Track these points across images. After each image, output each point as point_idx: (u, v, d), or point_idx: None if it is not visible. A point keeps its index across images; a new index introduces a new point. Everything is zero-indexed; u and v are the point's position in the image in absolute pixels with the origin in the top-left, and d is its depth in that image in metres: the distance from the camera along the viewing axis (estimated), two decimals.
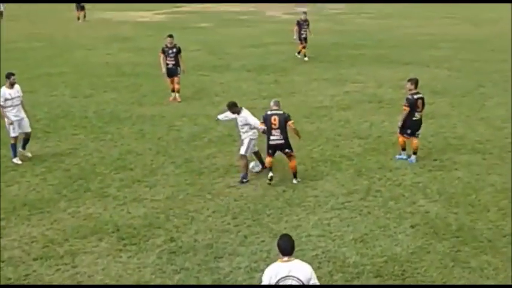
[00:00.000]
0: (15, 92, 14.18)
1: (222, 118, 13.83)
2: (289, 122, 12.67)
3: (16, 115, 14.21)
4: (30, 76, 22.99)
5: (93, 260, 9.91)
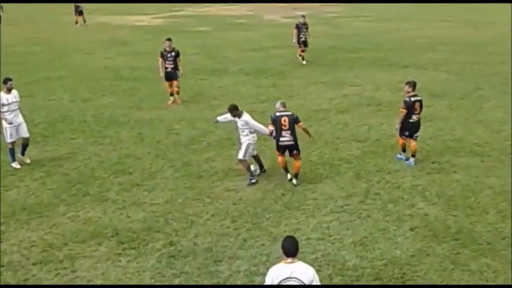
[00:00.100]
0: (12, 98, 14.12)
1: (221, 119, 13.85)
2: (299, 123, 12.91)
3: (14, 120, 14.17)
4: (28, 80, 22.99)
5: (92, 264, 9.91)
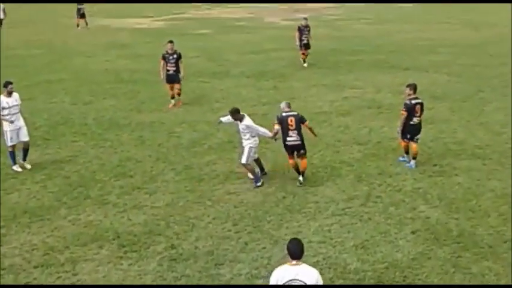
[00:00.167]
0: (12, 101, 14.06)
1: (225, 120, 13.82)
2: (305, 123, 13.10)
3: (14, 124, 14.12)
4: (29, 83, 23.01)
5: (93, 268, 9.91)
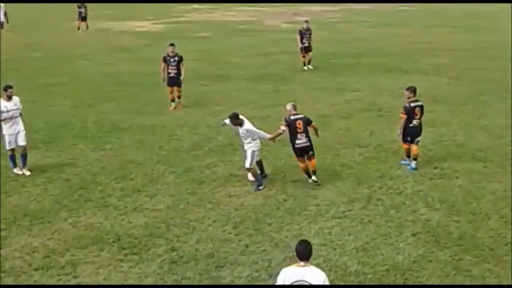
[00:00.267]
0: (12, 105, 13.92)
1: (228, 122, 13.64)
2: (312, 124, 13.23)
3: (13, 128, 14.04)
4: (30, 86, 22.98)
5: (94, 270, 9.90)
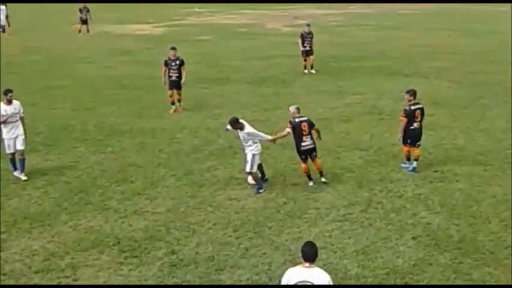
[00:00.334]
0: (11, 109, 13.87)
1: (230, 128, 13.57)
2: (315, 127, 13.37)
3: (12, 132, 13.99)
4: (30, 89, 23.01)
5: (94, 273, 9.90)
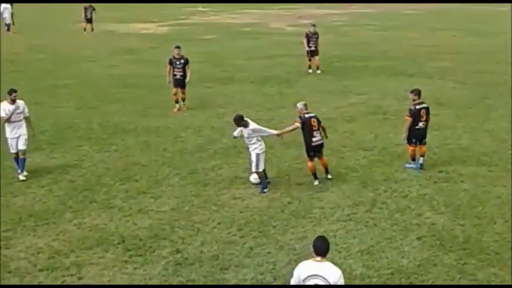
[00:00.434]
0: (14, 108, 13.82)
1: (237, 134, 13.50)
2: (321, 124, 13.41)
3: (14, 132, 13.98)
4: (35, 88, 23.06)
5: (98, 271, 9.91)
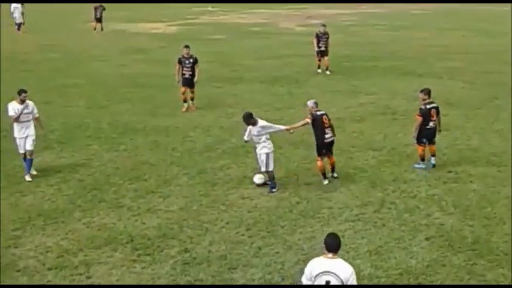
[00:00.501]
0: (23, 108, 13.81)
1: (248, 138, 13.46)
2: (330, 121, 13.54)
3: (22, 132, 14.00)
4: (45, 87, 23.15)
5: (107, 271, 9.94)
